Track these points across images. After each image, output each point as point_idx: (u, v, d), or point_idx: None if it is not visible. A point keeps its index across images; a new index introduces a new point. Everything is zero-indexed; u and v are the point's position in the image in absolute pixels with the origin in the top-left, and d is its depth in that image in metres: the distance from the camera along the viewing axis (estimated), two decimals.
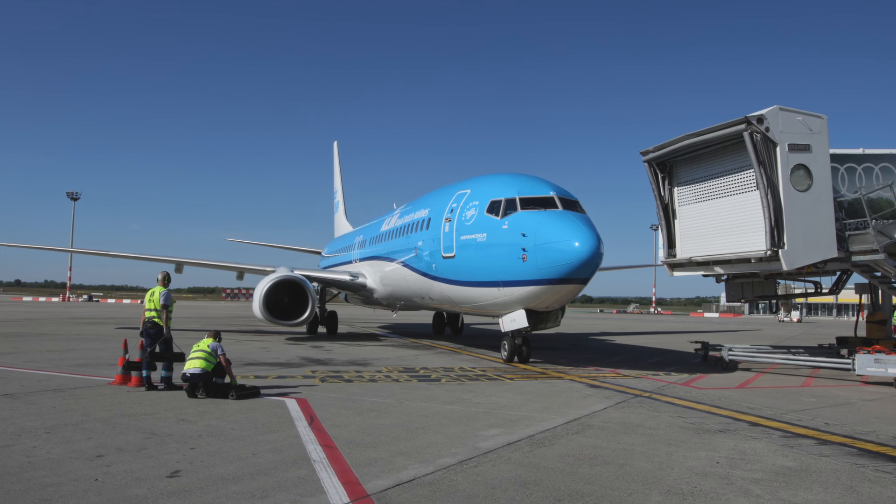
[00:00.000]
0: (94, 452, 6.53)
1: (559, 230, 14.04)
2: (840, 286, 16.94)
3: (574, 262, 13.56)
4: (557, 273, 13.74)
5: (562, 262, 13.64)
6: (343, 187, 43.84)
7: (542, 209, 14.88)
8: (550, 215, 14.64)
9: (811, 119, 14.13)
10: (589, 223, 14.52)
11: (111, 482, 5.54)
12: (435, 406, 9.76)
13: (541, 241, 13.98)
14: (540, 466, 6.32)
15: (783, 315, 76.91)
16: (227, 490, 5.39)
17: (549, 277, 13.85)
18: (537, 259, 13.92)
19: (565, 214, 14.71)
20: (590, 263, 13.67)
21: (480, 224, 15.80)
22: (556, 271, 13.74)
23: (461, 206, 16.91)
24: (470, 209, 16.39)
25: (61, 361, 14.89)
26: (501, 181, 16.41)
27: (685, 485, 5.79)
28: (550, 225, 14.26)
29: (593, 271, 14.14)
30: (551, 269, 13.75)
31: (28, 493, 5.22)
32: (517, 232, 14.57)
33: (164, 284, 11.59)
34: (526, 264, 14.10)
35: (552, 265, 13.73)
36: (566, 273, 13.70)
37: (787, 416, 9.47)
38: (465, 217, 16.48)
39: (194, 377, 10.13)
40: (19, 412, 8.60)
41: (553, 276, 13.80)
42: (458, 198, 17.38)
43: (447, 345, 22.48)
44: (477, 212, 16.04)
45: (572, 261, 13.57)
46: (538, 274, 13.95)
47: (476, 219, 15.97)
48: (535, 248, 13.99)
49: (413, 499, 5.25)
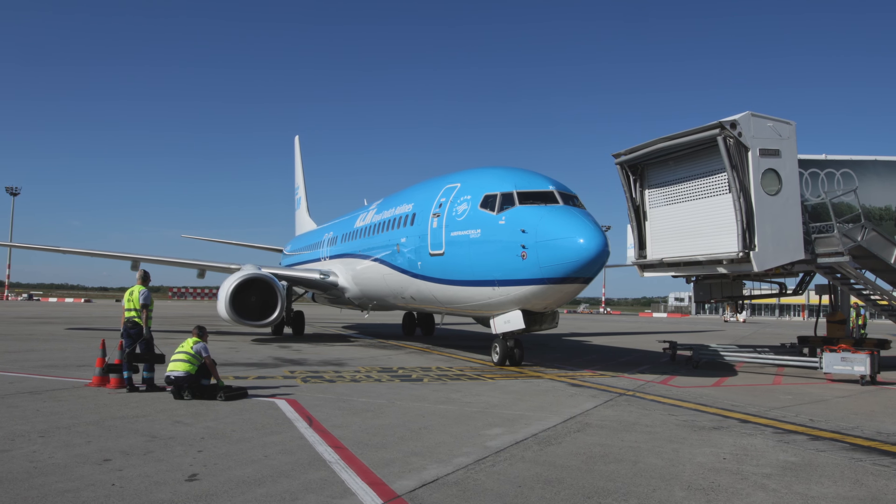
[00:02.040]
0: (100, 457, 6.33)
1: (563, 226, 13.39)
2: (804, 287, 17.57)
3: (580, 261, 12.93)
4: (561, 272, 13.13)
5: (566, 259, 13.00)
6: (306, 183, 43.14)
7: (543, 204, 14.20)
8: (552, 210, 13.98)
9: (781, 125, 14.61)
10: (592, 219, 14.03)
11: (130, 487, 5.38)
12: (428, 406, 9.74)
13: (542, 238, 13.29)
14: (556, 465, 6.38)
15: (729, 315, 79.18)
16: (253, 493, 5.30)
17: (550, 276, 13.22)
18: (538, 257, 13.23)
19: (568, 210, 14.12)
20: (596, 262, 13.07)
21: (474, 219, 14.97)
22: (560, 270, 13.11)
23: (451, 200, 16.05)
24: (461, 204, 15.56)
25: (25, 362, 14.33)
26: (495, 174, 15.70)
27: (702, 480, 5.93)
28: (553, 221, 13.59)
29: (599, 270, 13.60)
30: (554, 267, 13.11)
31: (47, 499, 5.03)
32: (516, 228, 13.82)
33: (144, 283, 11.26)
34: (525, 262, 13.41)
35: (555, 263, 13.08)
36: (570, 272, 13.11)
37: (771, 412, 9.77)
38: (455, 212, 15.64)
39: (178, 380, 9.88)
40: (3, 415, 8.27)
41: (555, 274, 13.17)
42: (446, 192, 16.51)
43: (417, 345, 22.39)
44: (469, 206, 15.21)
45: (578, 259, 12.93)
46: (539, 273, 13.29)
47: (469, 214, 15.17)
48: (537, 246, 13.28)
49: (445, 498, 5.25)
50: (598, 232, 13.29)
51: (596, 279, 14.46)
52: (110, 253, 28.12)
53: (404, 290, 18.79)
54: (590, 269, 13.25)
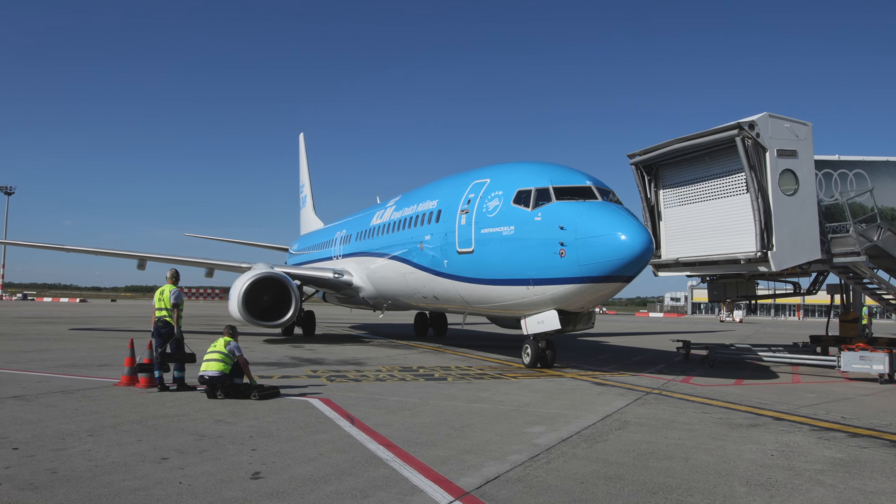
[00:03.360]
0: (156, 455, 6.36)
1: (605, 222, 12.94)
2: (817, 287, 17.72)
3: (624, 258, 12.49)
4: (602, 270, 12.70)
5: (609, 257, 12.55)
6: (311, 181, 42.80)
7: (581, 200, 13.72)
8: (592, 206, 13.49)
9: (798, 126, 14.74)
10: (634, 215, 13.65)
11: (198, 485, 5.42)
12: (461, 405, 9.80)
13: (583, 235, 12.84)
14: (610, 462, 6.45)
15: (725, 315, 79.54)
16: (322, 490, 5.34)
17: (591, 275, 12.78)
18: (578, 254, 12.78)
19: (608, 205, 13.68)
20: (641, 259, 12.69)
21: (506, 216, 14.46)
22: (601, 268, 12.68)
23: (480, 196, 15.52)
24: (492, 200, 15.03)
25: (44, 362, 14.31)
26: (528, 169, 15.22)
27: (759, 476, 6.01)
28: (594, 217, 13.14)
29: (642, 268, 13.26)
30: (595, 265, 12.68)
31: (119, 497, 5.06)
32: (553, 225, 13.35)
33: (174, 283, 11.27)
34: (564, 260, 12.95)
35: (597, 261, 12.65)
36: (613, 270, 12.67)
37: (801, 410, 9.88)
38: (486, 208, 15.12)
39: (213, 379, 9.90)
40: (45, 415, 8.28)
41: (597, 272, 12.75)
42: (475, 188, 15.99)
43: (430, 345, 22.37)
44: (501, 202, 14.71)
45: (622, 256, 12.49)
46: (578, 271, 12.84)
47: (501, 210, 14.64)
48: (577, 243, 12.84)
49: (513, 495, 5.31)
50: (642, 229, 12.95)
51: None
52: (117, 252, 27.99)
53: (427, 290, 18.36)
54: (633, 268, 12.88)
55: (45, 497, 5.03)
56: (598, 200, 13.79)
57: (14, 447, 6.54)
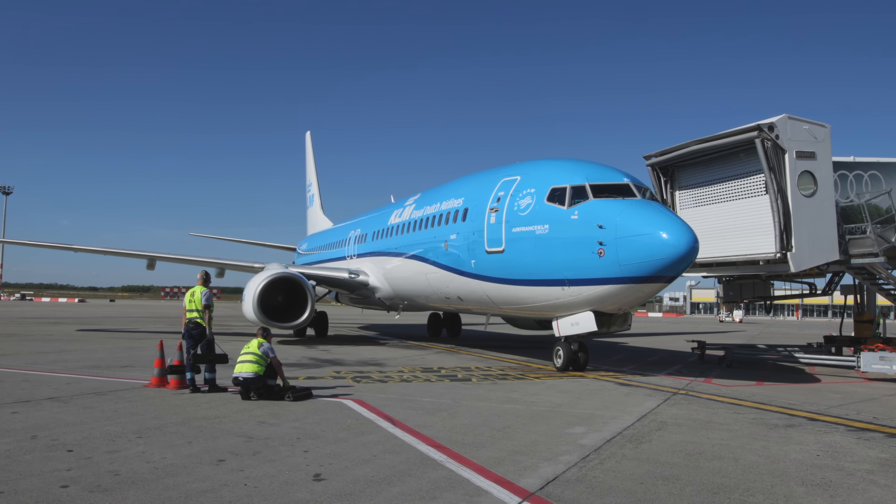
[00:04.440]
0: (212, 457, 6.40)
1: (647, 221, 12.56)
2: (833, 287, 17.83)
3: (667, 258, 12.14)
4: (644, 270, 12.34)
5: (651, 257, 12.19)
6: (319, 180, 42.58)
7: (620, 197, 13.38)
8: (632, 204, 13.16)
9: (816, 128, 14.82)
10: (675, 214, 13.33)
11: (264, 487, 5.46)
12: (494, 406, 9.85)
13: (623, 234, 12.48)
14: (661, 462, 6.51)
15: (725, 315, 79.76)
16: (389, 492, 5.38)
17: (632, 275, 12.44)
18: (619, 254, 12.42)
19: (648, 203, 13.36)
20: (685, 259, 12.31)
21: (540, 214, 14.09)
22: (643, 268, 12.32)
23: (511, 194, 15.11)
24: (524, 198, 14.63)
25: (65, 363, 14.33)
26: (562, 166, 14.91)
27: (812, 476, 6.07)
28: (635, 215, 12.77)
29: (685, 268, 12.91)
30: (637, 265, 12.32)
31: (190, 499, 5.10)
32: (591, 223, 12.99)
33: (204, 284, 11.30)
34: (603, 260, 12.61)
35: (638, 261, 12.29)
36: (655, 270, 12.32)
37: (832, 411, 9.96)
38: (518, 206, 14.72)
39: (247, 381, 9.93)
40: (86, 416, 8.31)
41: (638, 273, 12.38)
42: (504, 185, 15.60)
43: (444, 346, 22.36)
44: (534, 200, 14.33)
45: (665, 256, 12.13)
46: (618, 271, 12.49)
47: (534, 208, 14.26)
48: (617, 242, 12.47)
49: (578, 496, 5.36)
50: (687, 227, 12.53)
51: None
52: (127, 251, 27.96)
53: (450, 290, 17.99)
54: (677, 268, 12.52)
55: (117, 499, 5.07)
56: (638, 198, 13.53)
57: (68, 449, 6.58)
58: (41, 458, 6.20)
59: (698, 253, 12.67)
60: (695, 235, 12.42)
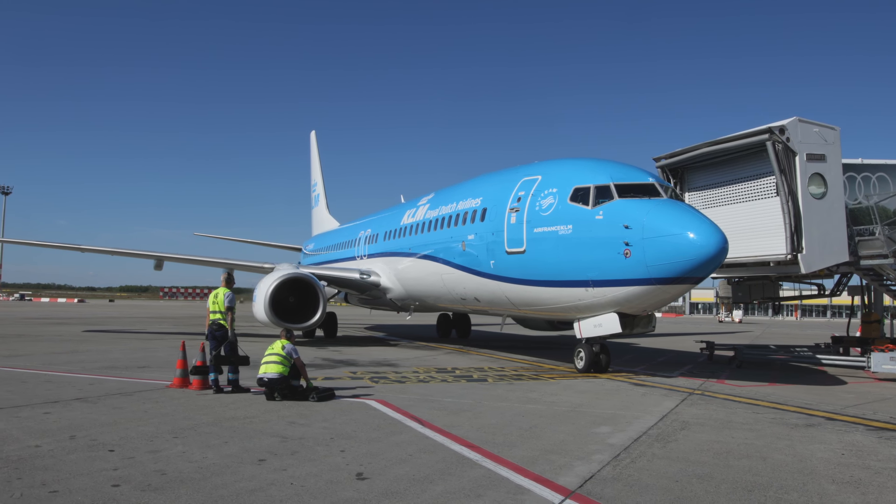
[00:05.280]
0: (251, 457, 6.52)
1: (675, 221, 12.43)
2: (841, 288, 18.00)
3: (696, 259, 12.00)
4: (672, 271, 12.20)
5: (680, 258, 12.06)
6: (324, 180, 42.43)
7: (646, 197, 13.29)
8: (659, 204, 13.04)
9: (826, 130, 14.98)
10: (703, 214, 13.22)
11: (310, 485, 5.58)
12: (516, 406, 9.98)
13: (651, 234, 12.35)
14: (691, 460, 6.65)
15: (724, 315, 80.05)
16: (433, 490, 5.51)
17: (659, 276, 12.31)
18: (646, 255, 12.30)
19: (675, 204, 13.24)
20: (714, 260, 12.18)
21: (563, 214, 13.98)
22: (671, 269, 12.18)
23: (532, 194, 15.00)
24: (546, 197, 14.53)
25: (81, 364, 14.44)
26: (584, 166, 14.79)
27: (841, 475, 6.21)
28: (663, 215, 12.64)
29: (714, 269, 12.76)
30: (665, 266, 12.19)
31: (240, 498, 5.22)
32: (617, 223, 12.88)
33: (228, 286, 11.42)
34: (629, 261, 12.50)
35: (666, 262, 12.16)
36: (684, 271, 12.18)
37: (848, 410, 10.11)
38: (539, 206, 14.61)
39: (272, 382, 10.05)
40: (117, 416, 8.43)
41: (665, 274, 12.26)
42: (524, 185, 15.49)
43: (454, 346, 22.41)
44: (556, 200, 14.23)
45: (694, 257, 11.98)
46: (645, 272, 12.38)
47: (556, 208, 14.16)
48: (644, 242, 12.35)
49: (618, 493, 5.49)
50: (716, 228, 12.38)
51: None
52: (135, 252, 28.01)
53: (467, 291, 17.89)
54: (706, 269, 12.37)
55: (170, 498, 5.19)
56: (664, 198, 13.42)
57: (109, 449, 6.70)
58: (85, 458, 6.32)
59: (727, 254, 12.56)
60: (724, 236, 12.29)
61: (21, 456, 6.35)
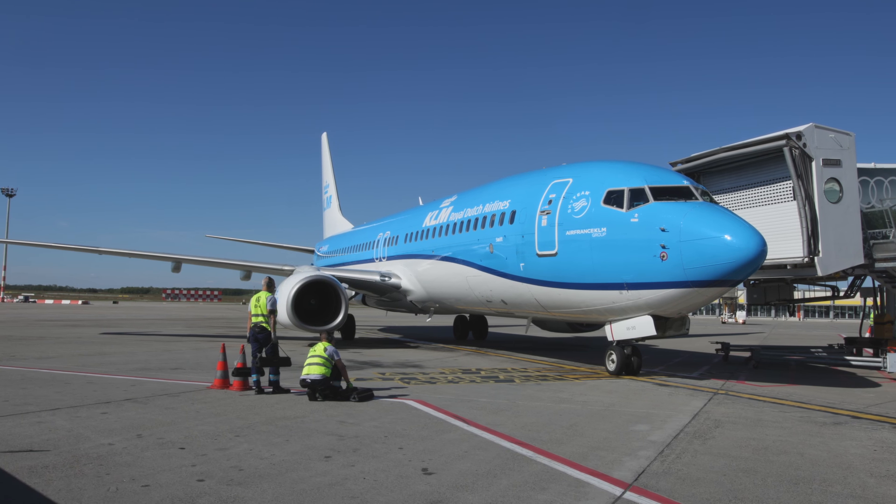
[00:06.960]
0: (317, 454, 6.86)
1: (713, 224, 12.48)
2: (855, 290, 18.35)
3: (734, 261, 12.04)
4: (709, 274, 12.24)
5: (718, 261, 12.09)
6: (336, 181, 42.55)
7: (682, 200, 13.34)
8: (696, 207, 13.07)
9: (841, 136, 15.34)
10: (741, 217, 13.27)
11: (382, 479, 5.93)
12: (551, 405, 10.33)
13: (688, 237, 12.37)
14: (732, 456, 7.00)
15: (727, 316, 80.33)
16: (500, 484, 5.86)
17: (696, 279, 12.34)
18: (682, 257, 12.32)
19: (712, 206, 13.29)
20: (752, 263, 12.19)
21: (597, 217, 13.99)
22: (709, 272, 12.22)
23: (563, 196, 15.00)
24: (579, 200, 14.54)
25: (114, 366, 14.79)
26: (618, 168, 14.80)
27: (878, 469, 6.57)
28: (700, 218, 12.68)
29: (752, 272, 12.77)
30: (703, 268, 12.21)
31: (321, 491, 5.56)
32: (653, 226, 12.89)
33: (270, 290, 11.78)
34: (665, 263, 12.52)
35: (704, 265, 12.19)
36: (723, 273, 12.20)
37: (871, 409, 10.47)
38: (571, 209, 14.61)
39: (315, 383, 10.40)
40: (172, 416, 8.78)
41: (703, 276, 12.30)
42: (555, 187, 15.49)
43: (472, 348, 22.69)
44: (590, 203, 14.24)
45: (734, 259, 12.02)
46: (682, 275, 12.41)
47: (589, 211, 14.17)
48: (681, 245, 12.36)
49: (673, 486, 5.84)
50: (754, 231, 12.41)
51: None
52: (149, 253, 28.31)
53: (493, 294, 17.86)
54: (743, 272, 12.42)
55: (256, 492, 5.53)
56: (700, 201, 13.47)
57: (180, 447, 7.04)
58: (161, 455, 6.66)
59: (766, 256, 12.64)
60: (763, 239, 12.33)
61: (99, 454, 6.69)
